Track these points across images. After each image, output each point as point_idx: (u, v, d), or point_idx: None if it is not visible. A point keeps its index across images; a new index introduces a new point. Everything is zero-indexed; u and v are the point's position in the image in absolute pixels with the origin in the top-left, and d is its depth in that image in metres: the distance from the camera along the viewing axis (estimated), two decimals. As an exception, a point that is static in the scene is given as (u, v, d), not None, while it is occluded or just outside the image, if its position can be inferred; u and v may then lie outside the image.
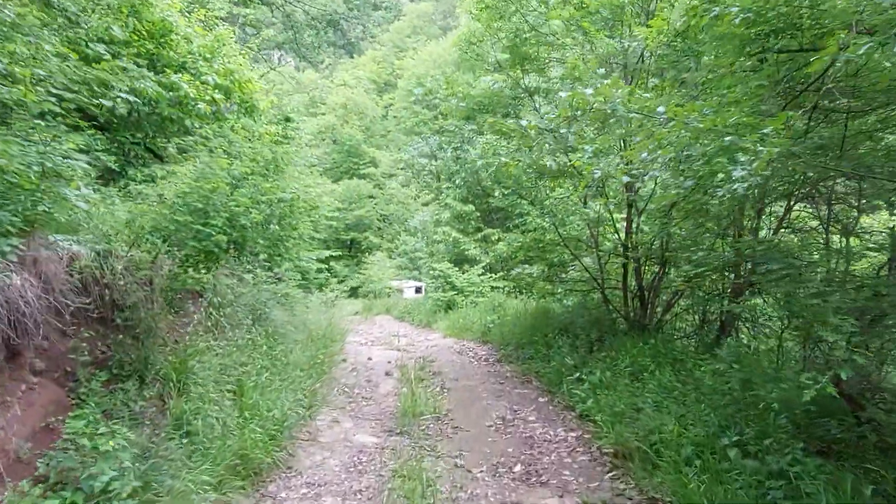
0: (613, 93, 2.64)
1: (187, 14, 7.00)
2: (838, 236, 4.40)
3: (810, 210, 4.93)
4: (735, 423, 3.65)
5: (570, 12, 6.13)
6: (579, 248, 7.29)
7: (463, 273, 13.99)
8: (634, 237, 6.46)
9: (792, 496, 2.89)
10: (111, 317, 3.60)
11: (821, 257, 4.06)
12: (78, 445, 2.82)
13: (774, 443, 3.28)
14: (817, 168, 3.08)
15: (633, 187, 6.13)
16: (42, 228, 3.25)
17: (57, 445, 2.83)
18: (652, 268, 6.56)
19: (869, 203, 4.24)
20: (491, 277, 13.57)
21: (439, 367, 7.86)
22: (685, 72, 5.20)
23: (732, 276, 5.22)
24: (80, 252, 3.48)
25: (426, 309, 13.87)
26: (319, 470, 4.23)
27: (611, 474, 4.02)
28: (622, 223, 6.78)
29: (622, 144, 6.08)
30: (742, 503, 3.03)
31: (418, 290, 17.62)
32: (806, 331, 4.04)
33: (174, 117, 5.81)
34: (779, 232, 4.92)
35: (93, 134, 5.09)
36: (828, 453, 3.29)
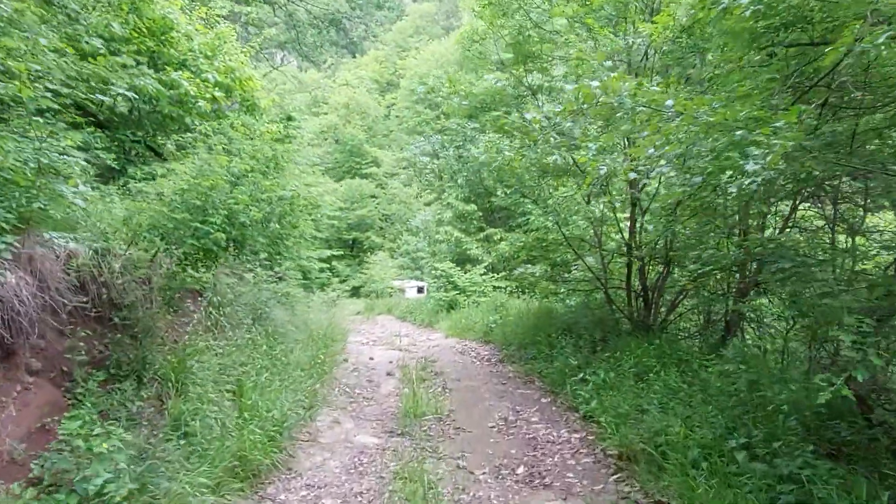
0: (620, 86, 2.58)
1: (188, 11, 6.97)
2: (844, 236, 4.34)
3: (815, 210, 4.88)
4: (743, 425, 3.58)
5: (574, 9, 6.06)
6: (582, 248, 7.22)
7: (465, 273, 13.92)
8: (638, 236, 6.40)
9: (804, 501, 2.81)
10: (109, 316, 3.55)
11: (827, 257, 4.00)
12: (73, 447, 2.77)
13: (784, 445, 3.21)
14: (830, 164, 3.01)
15: (638, 185, 6.07)
16: (38, 226, 3.20)
17: (51, 447, 2.78)
18: (656, 267, 6.49)
19: (875, 202, 4.18)
20: (493, 277, 13.49)
21: (441, 368, 7.80)
22: (690, 68, 5.13)
23: (738, 276, 5.16)
24: (78, 250, 3.44)
25: (428, 309, 13.81)
26: (319, 471, 4.18)
27: (615, 477, 3.95)
28: (625, 222, 6.71)
29: (626, 142, 6.02)
30: (752, 508, 2.95)
31: (420, 290, 17.54)
32: (814, 331, 3.97)
33: (175, 115, 5.79)
34: (784, 231, 4.86)
35: (92, 132, 5.06)
36: (838, 456, 3.21)
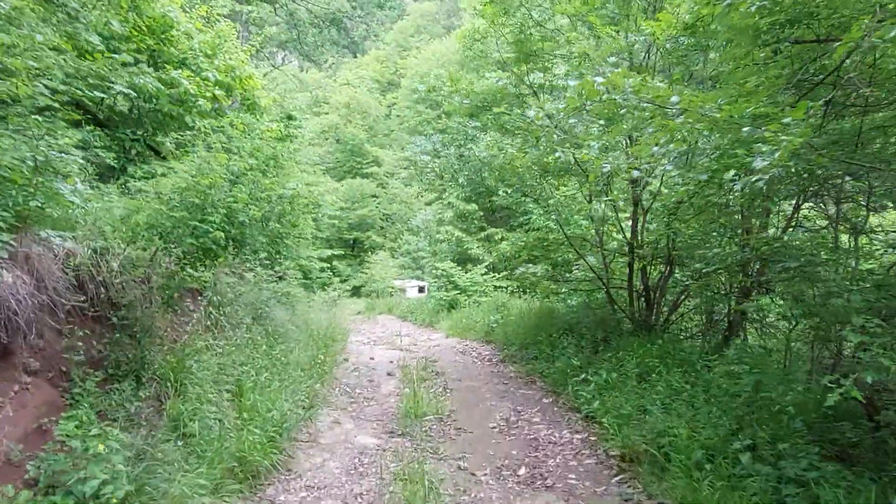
0: (624, 82, 2.54)
1: (188, 10, 6.94)
2: (847, 235, 4.31)
3: (818, 209, 4.84)
4: (747, 427, 3.54)
5: (577, 6, 6.02)
6: (584, 247, 7.18)
7: (466, 272, 13.89)
8: (640, 236, 6.36)
9: (811, 504, 2.78)
10: (107, 315, 3.52)
11: (831, 256, 3.96)
12: (70, 448, 2.74)
13: (789, 447, 3.17)
14: (837, 162, 2.97)
15: (640, 184, 6.03)
16: (35, 224, 3.17)
17: (48, 448, 2.75)
18: (658, 267, 6.45)
19: (878, 202, 4.14)
20: (494, 277, 13.45)
21: (442, 368, 7.76)
22: (694, 66, 5.09)
23: (741, 276, 5.12)
24: (76, 249, 3.41)
25: (429, 308, 13.78)
26: (319, 472, 4.15)
27: (618, 478, 3.92)
28: (627, 222, 6.67)
29: (629, 141, 5.99)
30: (757, 510, 2.92)
31: (421, 290, 17.51)
32: (818, 331, 3.93)
33: (175, 114, 5.75)
34: (786, 231, 4.82)
35: (92, 130, 5.03)
36: (844, 458, 3.17)
